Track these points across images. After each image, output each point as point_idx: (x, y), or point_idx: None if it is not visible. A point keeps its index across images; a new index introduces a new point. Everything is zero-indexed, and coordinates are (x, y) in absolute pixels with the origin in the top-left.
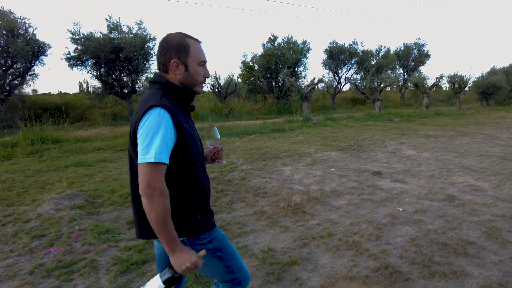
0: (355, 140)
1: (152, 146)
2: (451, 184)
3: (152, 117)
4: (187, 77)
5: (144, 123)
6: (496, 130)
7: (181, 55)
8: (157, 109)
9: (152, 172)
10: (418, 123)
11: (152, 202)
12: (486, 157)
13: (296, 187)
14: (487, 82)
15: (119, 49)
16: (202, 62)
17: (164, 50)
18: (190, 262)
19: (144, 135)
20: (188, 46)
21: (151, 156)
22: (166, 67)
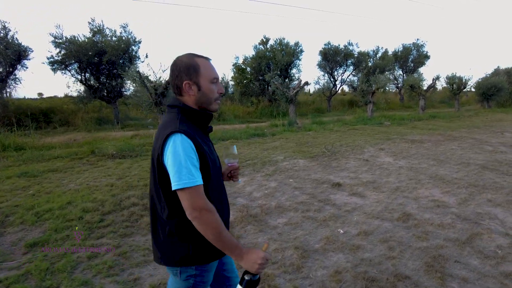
0: (331, 146)
1: (183, 170)
2: (414, 199)
3: (174, 143)
4: (202, 96)
5: (169, 150)
6: (489, 134)
7: (192, 75)
8: (177, 135)
9: (193, 195)
10: (409, 126)
11: (203, 222)
12: (465, 165)
13: (239, 202)
14: (487, 83)
15: (103, 52)
16: (214, 79)
17: (175, 73)
18: (260, 258)
19: (172, 163)
20: (197, 66)
21: (185, 181)
22: (180, 89)
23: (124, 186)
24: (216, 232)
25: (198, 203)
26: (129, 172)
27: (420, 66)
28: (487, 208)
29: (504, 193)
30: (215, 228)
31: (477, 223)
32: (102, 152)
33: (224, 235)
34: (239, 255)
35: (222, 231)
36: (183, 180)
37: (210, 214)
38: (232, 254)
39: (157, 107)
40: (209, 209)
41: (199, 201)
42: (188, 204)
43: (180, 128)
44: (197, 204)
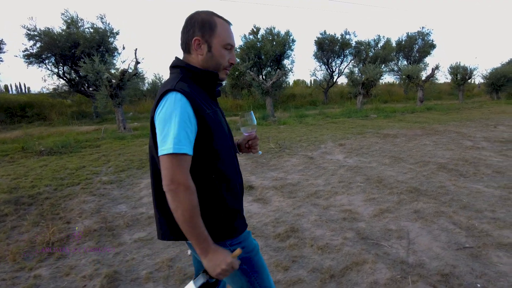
0: (283, 142)
1: (169, 135)
2: (324, 207)
3: (168, 103)
4: (210, 59)
5: (160, 110)
6: (480, 127)
7: (205, 32)
8: (173, 93)
9: (174, 165)
10: (396, 119)
11: (177, 198)
12: (422, 164)
13: (114, 210)
14: (496, 73)
15: (77, 44)
16: (229, 46)
17: (187, 27)
18: (225, 263)
19: (162, 124)
20: (214, 24)
21: (169, 146)
22: (188, 46)
23: (4, 188)
24: (188, 215)
25: (178, 176)
26: (34, 171)
27: (426, 56)
28: (404, 222)
29: (440, 202)
30: (189, 210)
31: (377, 243)
32: (32, 149)
33: (196, 220)
34: (205, 250)
35: (195, 216)
36: (167, 145)
37: (187, 192)
38: (197, 247)
39: (113, 100)
40: (188, 186)
41: (180, 174)
42: (166, 174)
43: (178, 87)
44: (176, 176)
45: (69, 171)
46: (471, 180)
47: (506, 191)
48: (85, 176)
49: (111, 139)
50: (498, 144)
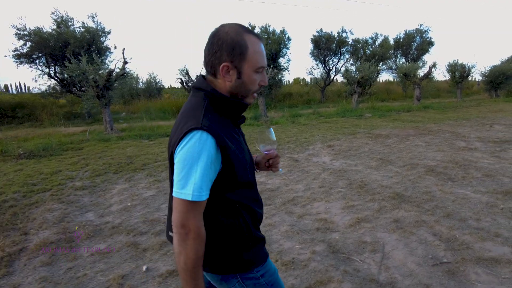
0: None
1: (190, 179)
2: (299, 216)
3: (193, 142)
4: (239, 86)
5: (182, 149)
6: (475, 127)
7: (235, 58)
8: (198, 132)
9: (188, 211)
10: (390, 119)
11: (183, 244)
12: (411, 167)
13: (79, 219)
14: (495, 70)
15: (67, 44)
16: (261, 68)
17: (214, 48)
18: None
19: (182, 164)
20: (245, 47)
21: (188, 192)
22: (214, 70)
23: None
24: (192, 265)
25: (190, 222)
26: (6, 177)
27: (424, 54)
28: (381, 234)
29: (423, 209)
30: (193, 259)
31: (349, 258)
32: (11, 152)
33: (198, 271)
34: None
35: (197, 266)
36: (186, 190)
37: (197, 241)
38: None
39: (100, 100)
40: (199, 235)
41: (193, 220)
42: (178, 217)
43: (204, 124)
44: (188, 222)
45: (43, 176)
46: (459, 185)
47: (493, 197)
48: (59, 181)
49: (95, 141)
50: (491, 144)
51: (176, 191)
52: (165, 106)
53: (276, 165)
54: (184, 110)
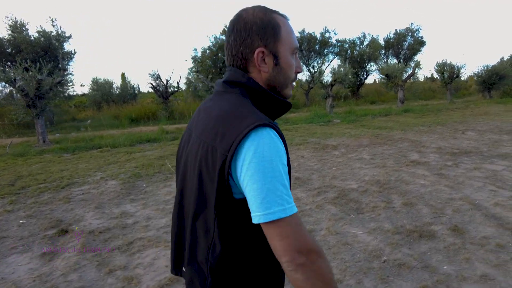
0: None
1: (278, 190)
2: (125, 268)
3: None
4: (278, 74)
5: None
6: (445, 133)
7: (269, 40)
8: (267, 130)
9: (294, 230)
10: (357, 125)
11: (313, 273)
12: (321, 191)
13: None
14: (488, 70)
15: (19, 50)
16: (296, 50)
17: (242, 35)
18: None
19: (260, 175)
20: (277, 26)
21: (282, 207)
22: (246, 61)
23: None
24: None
25: (305, 242)
26: None
27: (416, 54)
28: None
29: None
30: (330, 280)
31: None
32: None
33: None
34: None
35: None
36: (278, 207)
37: (322, 259)
38: None
39: (32, 109)
40: (319, 250)
41: (305, 238)
42: (288, 246)
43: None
44: (303, 243)
45: None
46: (360, 220)
47: (388, 240)
48: None
49: (14, 156)
50: (447, 157)
51: (265, 214)
52: (133, 112)
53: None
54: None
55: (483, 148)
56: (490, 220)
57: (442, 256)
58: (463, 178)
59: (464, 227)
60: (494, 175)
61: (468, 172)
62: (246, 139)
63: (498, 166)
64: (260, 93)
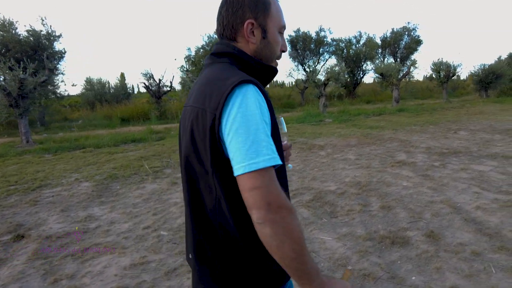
0: (169, 160)
1: (261, 143)
2: (71, 277)
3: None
4: (264, 47)
5: (236, 110)
6: (437, 133)
7: (259, 13)
8: (250, 86)
9: (269, 182)
10: (348, 125)
11: (281, 230)
12: (298, 193)
13: None
14: (484, 69)
15: (8, 49)
16: (283, 28)
17: (235, 6)
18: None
19: (245, 128)
20: (268, 3)
21: (265, 157)
22: (235, 32)
23: None
24: (299, 247)
25: (277, 197)
26: None
27: (413, 53)
28: None
29: None
30: (299, 239)
31: None
32: None
33: (307, 253)
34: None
35: (305, 246)
36: (261, 157)
37: (292, 216)
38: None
39: (15, 109)
40: (291, 207)
41: (278, 193)
42: (261, 196)
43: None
44: (275, 198)
45: None
46: (332, 224)
47: (357, 247)
48: None
49: None
50: (435, 157)
51: (249, 164)
52: (125, 112)
53: (288, 158)
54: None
55: (473, 148)
56: (469, 225)
57: (412, 265)
58: (448, 180)
59: (440, 232)
60: (481, 176)
61: (454, 173)
62: (231, 95)
63: (486, 167)
64: (246, 60)
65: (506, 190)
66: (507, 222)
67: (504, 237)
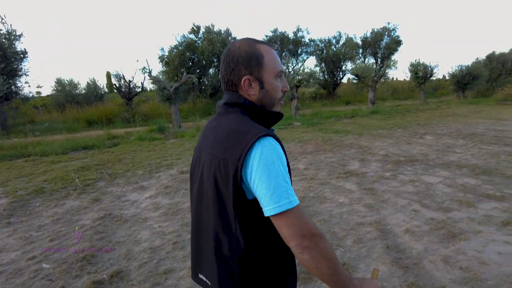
0: (108, 170)
1: (281, 187)
2: None
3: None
4: (264, 96)
5: (258, 160)
6: (402, 138)
7: (253, 69)
8: (267, 139)
9: (298, 219)
10: (315, 129)
11: (317, 253)
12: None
13: None
14: (462, 70)
15: None
16: (280, 73)
17: (230, 66)
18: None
19: (266, 176)
20: (261, 56)
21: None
22: (236, 86)
23: None
24: (334, 264)
25: (308, 228)
26: None
27: (393, 53)
28: None
29: None
30: (333, 258)
31: None
32: None
33: (340, 266)
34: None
35: (338, 262)
36: (284, 200)
37: (324, 241)
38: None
39: None
40: (321, 233)
41: (308, 224)
42: (294, 232)
43: (267, 131)
44: (306, 229)
45: None
46: None
47: None
48: None
49: None
50: (388, 167)
51: (275, 206)
52: (93, 115)
53: None
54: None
55: (431, 156)
56: (389, 254)
57: None
58: (390, 195)
59: (354, 265)
60: (427, 189)
61: (401, 185)
62: (252, 149)
63: (436, 178)
64: (255, 109)
65: (447, 207)
66: (431, 250)
67: (421, 269)
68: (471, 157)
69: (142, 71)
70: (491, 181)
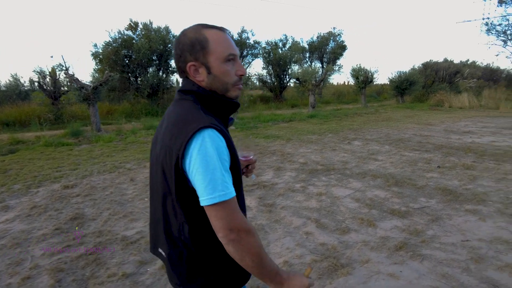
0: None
1: (217, 180)
2: None
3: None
4: (213, 81)
5: (197, 151)
6: (329, 143)
7: (198, 54)
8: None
9: (228, 212)
10: (248, 133)
11: (241, 247)
12: None
13: None
14: (400, 76)
15: None
16: (231, 56)
17: (177, 53)
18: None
19: (203, 168)
20: (205, 40)
21: (221, 193)
22: (185, 73)
23: None
24: (258, 258)
25: (236, 222)
26: None
27: (339, 58)
28: None
29: None
30: (257, 253)
31: None
32: None
33: (265, 259)
34: (279, 284)
35: (264, 256)
36: (217, 192)
37: (250, 236)
38: (272, 283)
39: None
40: (249, 229)
41: (237, 219)
42: (222, 224)
43: (211, 122)
44: (234, 223)
45: None
46: None
47: None
48: None
49: None
50: (303, 176)
51: (208, 198)
52: (12, 115)
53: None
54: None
55: (351, 164)
56: None
57: None
58: (288, 212)
59: None
60: (331, 204)
61: (306, 200)
62: (191, 140)
63: (346, 191)
64: (208, 97)
65: (345, 227)
66: None
67: None
68: (390, 165)
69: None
70: (400, 193)
